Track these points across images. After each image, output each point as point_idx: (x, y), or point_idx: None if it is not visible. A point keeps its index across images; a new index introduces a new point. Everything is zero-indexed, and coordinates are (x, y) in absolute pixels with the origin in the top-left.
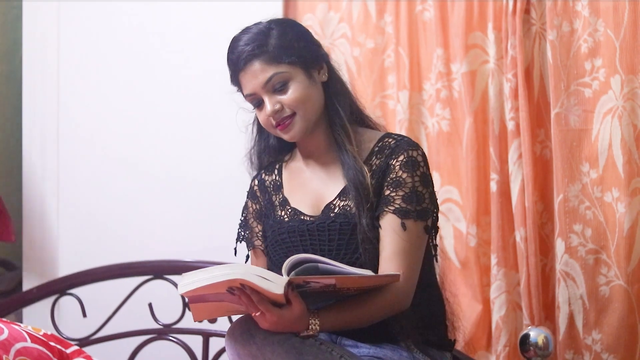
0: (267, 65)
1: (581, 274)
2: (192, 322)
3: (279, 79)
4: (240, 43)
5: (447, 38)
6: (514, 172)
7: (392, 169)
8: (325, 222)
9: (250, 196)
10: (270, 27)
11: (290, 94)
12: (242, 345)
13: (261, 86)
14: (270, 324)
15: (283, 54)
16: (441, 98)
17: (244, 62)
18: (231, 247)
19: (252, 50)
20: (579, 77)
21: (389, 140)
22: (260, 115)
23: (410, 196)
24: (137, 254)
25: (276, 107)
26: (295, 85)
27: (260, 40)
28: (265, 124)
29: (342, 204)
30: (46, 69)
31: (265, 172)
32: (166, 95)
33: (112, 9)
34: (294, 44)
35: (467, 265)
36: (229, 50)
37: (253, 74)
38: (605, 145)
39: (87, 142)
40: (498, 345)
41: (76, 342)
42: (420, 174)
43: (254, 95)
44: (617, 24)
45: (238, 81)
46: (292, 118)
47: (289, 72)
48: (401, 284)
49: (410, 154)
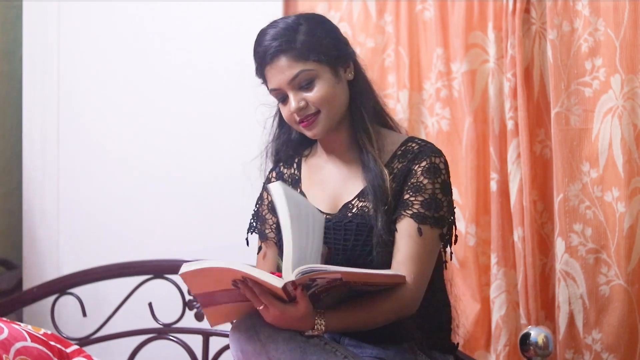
0: (294, 61)
1: (581, 273)
2: (192, 322)
3: (306, 76)
4: (267, 37)
5: (447, 37)
6: (512, 172)
7: (413, 174)
8: (342, 221)
9: (267, 188)
10: (299, 22)
11: (315, 92)
12: (246, 342)
13: (287, 82)
14: (273, 318)
15: (311, 51)
16: (441, 97)
17: (271, 57)
18: (231, 246)
19: (279, 45)
20: (579, 77)
21: (412, 145)
22: (284, 110)
23: (429, 202)
24: (137, 253)
25: (301, 105)
26: (321, 84)
27: (288, 35)
28: (288, 119)
29: (361, 204)
30: (46, 68)
31: (283, 165)
32: (166, 94)
33: (112, 8)
34: (322, 41)
35: (466, 264)
36: (256, 42)
37: (279, 70)
38: (605, 145)
39: (87, 141)
40: (498, 344)
41: (76, 342)
42: (441, 181)
43: (278, 90)
44: (618, 23)
45: (263, 74)
46: (317, 116)
47: (316, 70)
48: (410, 289)
49: (432, 160)
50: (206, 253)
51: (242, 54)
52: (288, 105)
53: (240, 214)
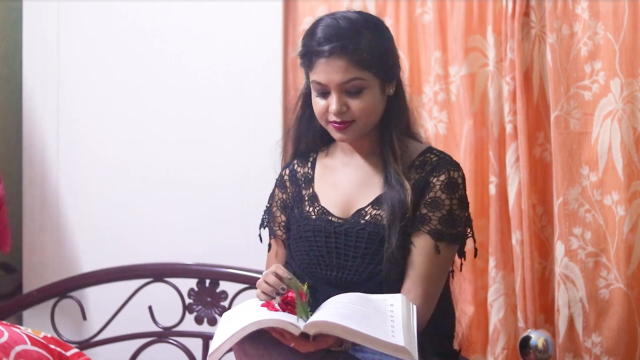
0: (352, 66)
1: (581, 277)
2: (192, 325)
3: (358, 84)
4: (330, 30)
5: (446, 41)
6: (511, 175)
7: (431, 188)
8: (354, 228)
9: (279, 185)
10: (365, 25)
11: (360, 102)
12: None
13: (337, 83)
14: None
15: (371, 62)
16: (438, 101)
17: (330, 53)
18: (232, 250)
19: (344, 45)
20: (578, 80)
21: (431, 156)
22: (318, 104)
23: (447, 219)
24: (137, 256)
25: (343, 109)
26: (369, 96)
27: (354, 37)
28: (319, 114)
29: (374, 212)
30: (46, 71)
31: (298, 163)
32: (167, 97)
33: (112, 11)
34: (383, 54)
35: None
36: (312, 30)
37: (335, 69)
38: (605, 148)
39: (87, 144)
40: (496, 348)
41: (76, 345)
42: (458, 197)
43: (324, 85)
44: (617, 27)
45: (312, 63)
46: (351, 123)
47: (369, 81)
48: (422, 308)
49: (451, 174)
50: (206, 256)
51: (242, 56)
52: (327, 103)
53: (240, 219)
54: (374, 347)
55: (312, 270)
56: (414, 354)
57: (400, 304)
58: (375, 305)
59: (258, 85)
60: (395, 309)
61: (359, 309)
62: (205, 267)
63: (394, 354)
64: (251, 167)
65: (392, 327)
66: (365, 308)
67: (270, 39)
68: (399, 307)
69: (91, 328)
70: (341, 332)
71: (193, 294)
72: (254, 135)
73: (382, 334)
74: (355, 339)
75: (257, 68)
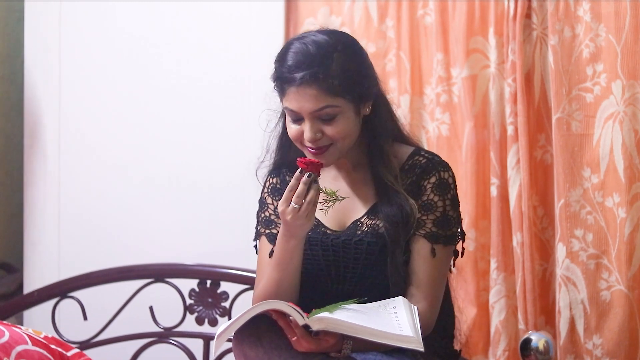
0: (323, 94)
1: (582, 278)
2: (193, 326)
3: (330, 111)
4: (300, 57)
5: (447, 43)
6: (512, 177)
7: (423, 191)
8: (352, 239)
9: (271, 193)
10: (336, 49)
11: (335, 127)
12: (249, 347)
13: (309, 112)
14: (305, 349)
15: (343, 88)
16: (441, 102)
17: (300, 82)
18: (231, 251)
19: (314, 73)
20: (580, 82)
21: (419, 158)
22: (293, 129)
23: (441, 221)
24: (138, 257)
25: (317, 136)
26: (343, 121)
27: (324, 64)
28: (294, 139)
29: (371, 222)
30: (48, 71)
31: (287, 172)
32: (167, 99)
33: (114, 12)
34: (355, 77)
35: (464, 269)
36: (282, 56)
37: (305, 97)
38: (606, 151)
39: (88, 145)
40: (497, 349)
41: (77, 345)
42: (450, 197)
43: (296, 113)
44: (619, 29)
45: (283, 90)
46: (329, 147)
47: (342, 107)
48: (426, 312)
49: (441, 175)
50: (206, 257)
51: (243, 59)
52: (301, 129)
53: (240, 219)
54: (382, 341)
55: (311, 283)
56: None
57: (402, 304)
58: (377, 307)
59: (260, 88)
60: (398, 309)
61: (363, 309)
62: (206, 268)
63: (403, 345)
64: (252, 168)
65: (397, 321)
66: (368, 309)
67: (271, 40)
68: (401, 307)
69: (92, 328)
70: (347, 329)
71: (194, 295)
72: (255, 137)
73: (389, 328)
74: (363, 334)
75: (258, 70)
